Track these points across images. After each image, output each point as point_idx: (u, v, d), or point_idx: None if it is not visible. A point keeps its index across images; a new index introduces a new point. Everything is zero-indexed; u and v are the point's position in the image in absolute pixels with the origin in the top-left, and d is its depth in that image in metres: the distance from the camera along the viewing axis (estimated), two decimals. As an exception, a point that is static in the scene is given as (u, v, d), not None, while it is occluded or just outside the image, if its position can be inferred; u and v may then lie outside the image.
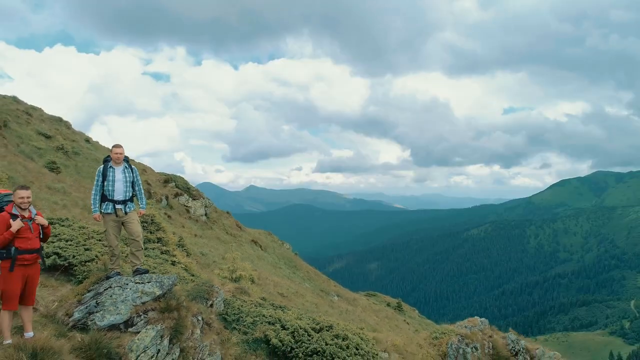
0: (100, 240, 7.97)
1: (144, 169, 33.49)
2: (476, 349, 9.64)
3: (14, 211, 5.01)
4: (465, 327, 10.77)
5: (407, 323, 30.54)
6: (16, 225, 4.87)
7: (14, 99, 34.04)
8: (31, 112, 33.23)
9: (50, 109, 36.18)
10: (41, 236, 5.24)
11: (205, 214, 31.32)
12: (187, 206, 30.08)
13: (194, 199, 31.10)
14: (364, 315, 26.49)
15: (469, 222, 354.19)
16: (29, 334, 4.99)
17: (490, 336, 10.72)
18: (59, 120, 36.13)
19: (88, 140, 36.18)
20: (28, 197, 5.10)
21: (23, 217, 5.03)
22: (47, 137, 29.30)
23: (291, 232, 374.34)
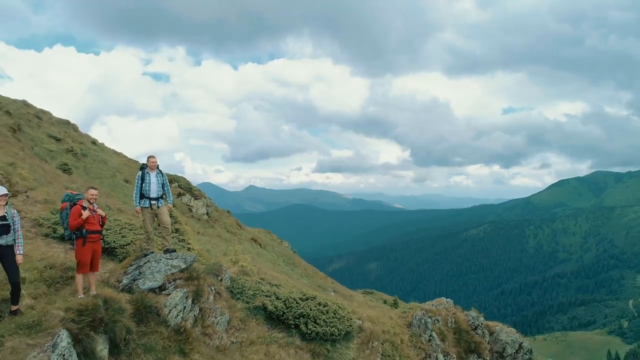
0: (131, 229, 10.03)
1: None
2: (438, 321, 11.64)
3: (84, 204, 7.14)
4: (432, 305, 12.79)
5: (403, 320, 32.00)
6: (85, 214, 7.05)
7: (24, 103, 35.75)
8: (41, 116, 34.96)
9: (52, 110, 37.75)
10: (100, 223, 7.35)
11: (207, 213, 32.89)
12: (189, 205, 31.66)
13: (196, 199, 32.67)
14: (359, 310, 28.01)
15: (468, 222, 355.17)
16: (93, 292, 7.04)
17: (454, 313, 12.71)
18: (67, 123, 37.85)
19: (94, 142, 37.99)
20: (96, 194, 7.34)
21: (90, 209, 7.13)
22: (57, 139, 31.05)
23: (291, 232, 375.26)
